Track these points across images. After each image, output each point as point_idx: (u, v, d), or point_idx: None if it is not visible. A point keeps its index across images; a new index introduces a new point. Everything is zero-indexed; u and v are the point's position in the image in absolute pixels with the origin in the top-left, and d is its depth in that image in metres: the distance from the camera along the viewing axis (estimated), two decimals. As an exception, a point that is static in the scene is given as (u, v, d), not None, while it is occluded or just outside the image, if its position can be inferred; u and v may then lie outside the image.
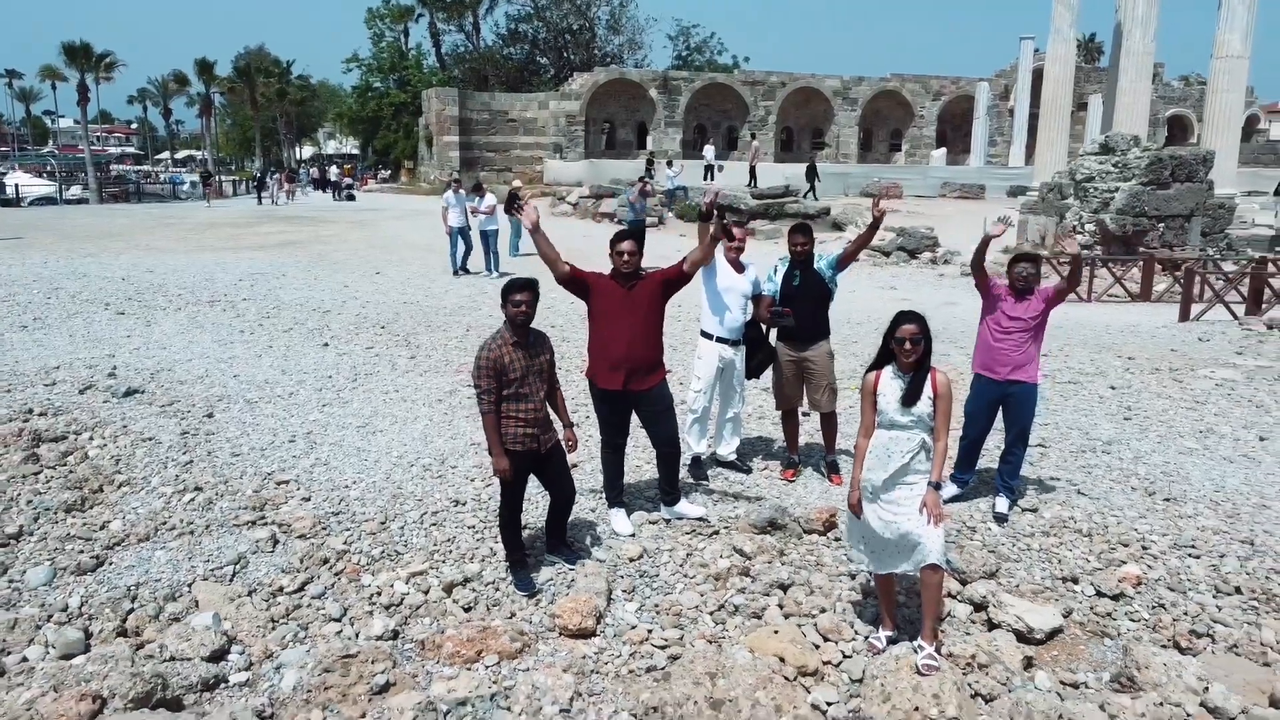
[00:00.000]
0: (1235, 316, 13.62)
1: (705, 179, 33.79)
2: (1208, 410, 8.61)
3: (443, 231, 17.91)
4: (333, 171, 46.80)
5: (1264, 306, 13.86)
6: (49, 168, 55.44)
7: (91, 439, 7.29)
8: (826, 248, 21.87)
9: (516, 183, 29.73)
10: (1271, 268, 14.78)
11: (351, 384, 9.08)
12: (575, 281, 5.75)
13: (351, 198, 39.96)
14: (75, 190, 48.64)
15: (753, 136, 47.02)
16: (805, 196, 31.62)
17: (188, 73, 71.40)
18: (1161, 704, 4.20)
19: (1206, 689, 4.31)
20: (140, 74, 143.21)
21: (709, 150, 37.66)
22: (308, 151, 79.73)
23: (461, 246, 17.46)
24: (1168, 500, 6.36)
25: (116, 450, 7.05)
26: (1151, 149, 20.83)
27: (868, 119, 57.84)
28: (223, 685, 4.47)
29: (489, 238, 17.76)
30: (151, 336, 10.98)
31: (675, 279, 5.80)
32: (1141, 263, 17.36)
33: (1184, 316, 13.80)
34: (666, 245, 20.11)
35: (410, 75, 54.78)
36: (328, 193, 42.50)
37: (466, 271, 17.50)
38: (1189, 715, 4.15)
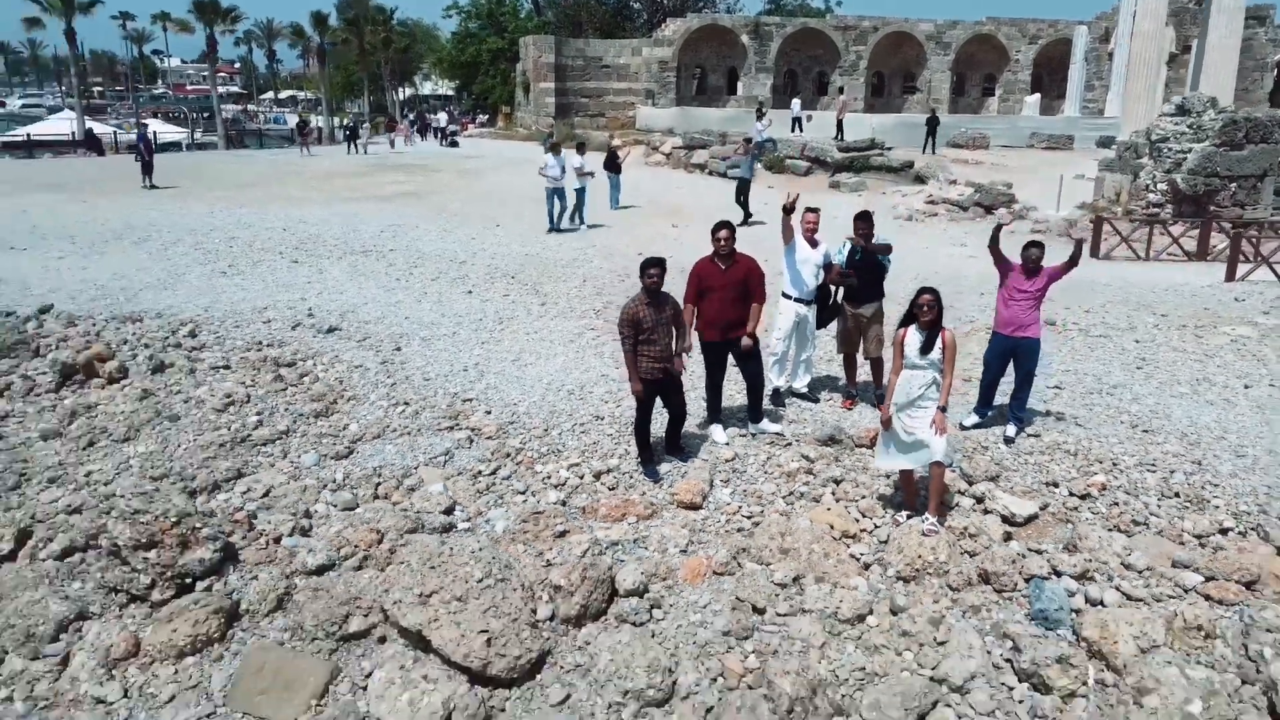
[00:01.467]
0: (1279, 276, 14.96)
1: (793, 131, 35.05)
2: (1212, 363, 10.29)
3: (540, 182, 19.55)
4: (441, 118, 49.12)
5: (1309, 268, 15.13)
6: (180, 113, 58.74)
7: (315, 365, 9.70)
8: (910, 201, 23.13)
9: (617, 141, 31.34)
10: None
11: (499, 326, 11.34)
12: (697, 295, 7.64)
13: (455, 144, 42.27)
14: (198, 135, 51.92)
15: (841, 90, 47.65)
16: (925, 150, 32.72)
17: (304, 24, 74.47)
18: (1090, 560, 6.18)
19: (1129, 553, 6.27)
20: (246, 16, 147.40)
21: (796, 103, 38.75)
22: (406, 94, 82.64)
23: (557, 206, 19.11)
24: (1146, 432, 8.20)
25: (337, 374, 9.45)
26: (1229, 110, 21.68)
27: (960, 64, 57.65)
28: (454, 529, 6.77)
29: (582, 194, 19.52)
30: (326, 283, 13.42)
31: (756, 278, 7.73)
32: (1201, 223, 18.49)
33: (1230, 277, 15.17)
34: (755, 196, 21.87)
35: (507, 21, 56.59)
36: (431, 139, 44.77)
37: (559, 230, 18.90)
38: (1108, 565, 6.13)
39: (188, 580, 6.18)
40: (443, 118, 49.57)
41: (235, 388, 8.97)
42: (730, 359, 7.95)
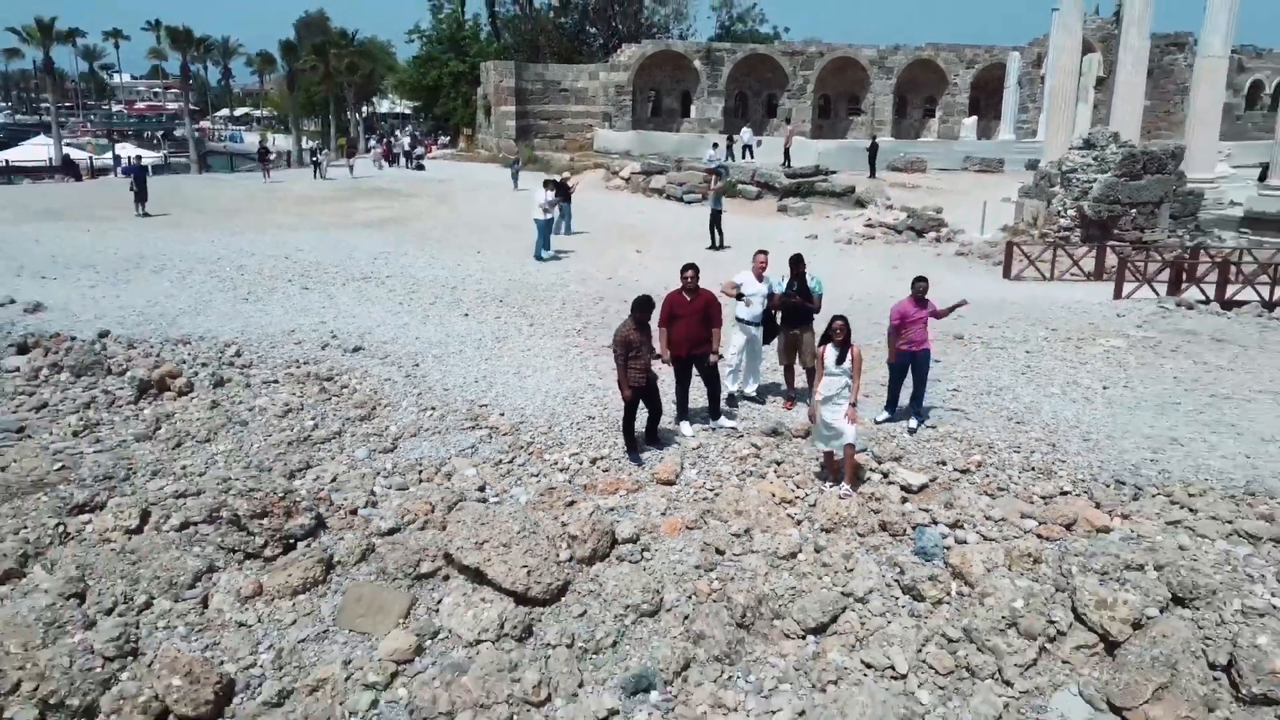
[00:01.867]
0: (1157, 295, 17.57)
1: (742, 157, 37.48)
2: (1084, 369, 12.73)
3: (521, 209, 21.33)
4: (406, 141, 50.88)
5: (1182, 288, 17.77)
6: (150, 136, 59.48)
7: (350, 379, 11.75)
8: (850, 224, 25.57)
9: (567, 174, 32.83)
10: (1200, 254, 18.61)
11: (497, 344, 13.47)
12: (668, 319, 9.84)
13: (421, 167, 44.16)
14: (157, 157, 52.53)
15: (787, 120, 50.25)
16: (871, 177, 35.39)
17: (269, 48, 75.76)
18: (961, 514, 8.48)
19: (990, 509, 8.58)
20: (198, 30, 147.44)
21: (746, 131, 41.16)
22: (366, 112, 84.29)
23: (542, 244, 20.98)
24: (1019, 423, 10.56)
25: (371, 385, 11.51)
26: (1129, 145, 24.47)
27: (903, 87, 60.75)
28: (487, 501, 8.90)
29: (545, 227, 21.36)
30: (339, 308, 15.43)
31: (714, 308, 9.97)
32: (1097, 247, 21.13)
33: (1117, 295, 17.75)
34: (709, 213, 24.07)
35: (468, 46, 58.63)
36: (396, 165, 46.28)
37: (541, 259, 20.90)
38: (974, 517, 8.43)
39: (291, 541, 8.24)
40: (407, 141, 51.32)
41: (290, 398, 11.01)
42: (695, 371, 10.16)
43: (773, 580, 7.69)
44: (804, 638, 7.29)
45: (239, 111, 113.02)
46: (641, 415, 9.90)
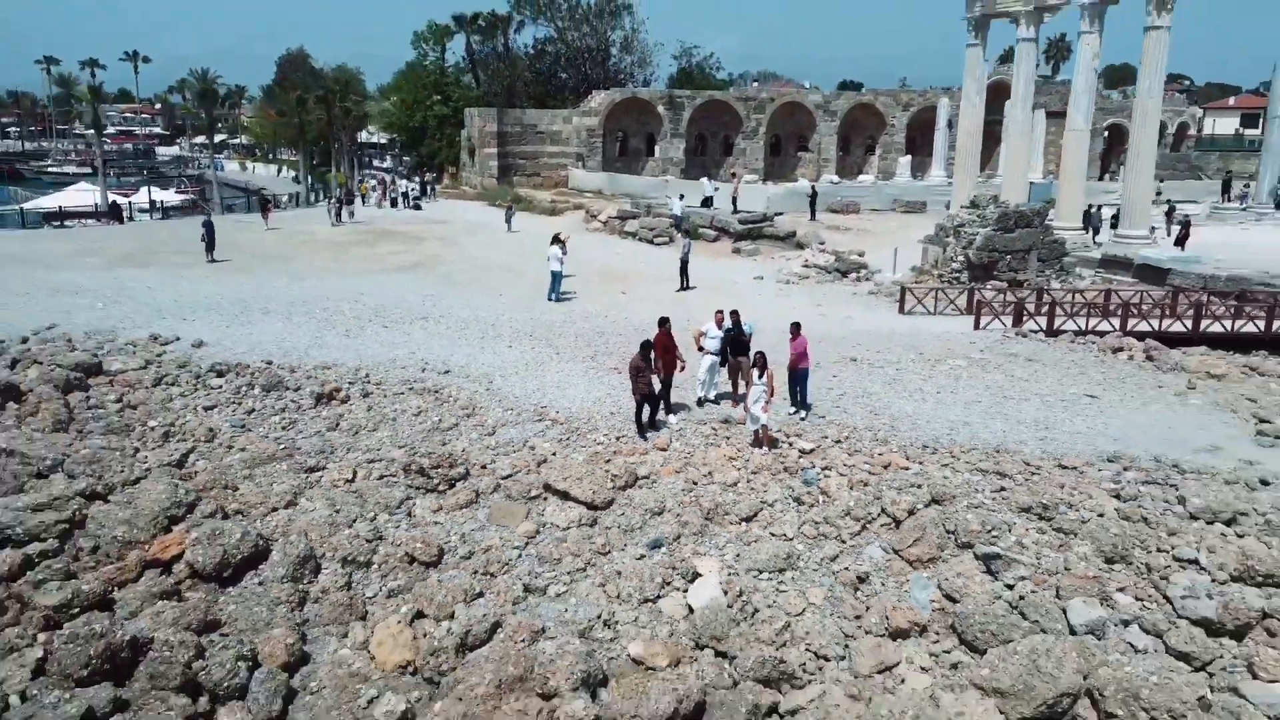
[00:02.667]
0: (1004, 326, 24.59)
1: (704, 206, 44.33)
2: (930, 381, 19.62)
3: (518, 252, 27.85)
4: (401, 183, 57.27)
5: (1023, 321, 24.80)
6: (185, 187, 64.04)
7: (451, 393, 18.28)
8: (790, 265, 33.04)
9: (563, 234, 38.18)
10: (1040, 292, 25.63)
11: (539, 367, 20.08)
12: (663, 350, 16.55)
13: (419, 208, 50.55)
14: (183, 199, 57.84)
15: (734, 175, 57.00)
16: (811, 219, 42.60)
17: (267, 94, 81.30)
18: (830, 462, 15.27)
19: (847, 460, 15.38)
20: (171, 60, 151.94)
21: (706, 182, 47.68)
22: (348, 142, 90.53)
23: (555, 288, 27.63)
24: (875, 414, 17.38)
25: (468, 395, 18.07)
26: (1004, 205, 31.70)
27: (846, 127, 68.26)
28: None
29: (556, 277, 27.97)
30: (416, 342, 21.89)
31: (675, 348, 16.75)
32: (967, 290, 28.14)
33: (976, 326, 24.72)
34: (676, 256, 30.72)
35: (451, 90, 65.16)
36: (395, 207, 52.33)
37: (552, 300, 27.53)
38: (838, 463, 15.22)
39: (454, 481, 14.79)
40: (402, 183, 57.70)
41: (418, 403, 17.55)
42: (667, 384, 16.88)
43: (723, 496, 14.38)
44: (739, 523, 13.96)
45: (217, 139, 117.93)
46: (645, 411, 16.58)
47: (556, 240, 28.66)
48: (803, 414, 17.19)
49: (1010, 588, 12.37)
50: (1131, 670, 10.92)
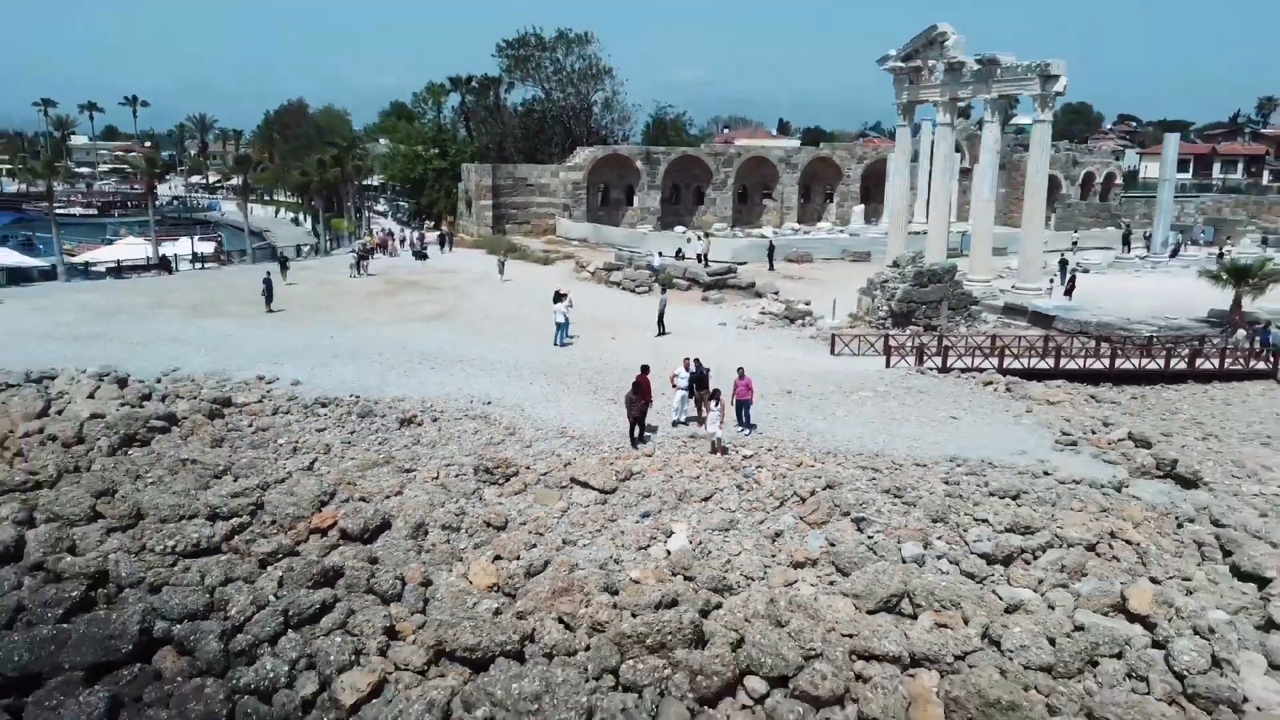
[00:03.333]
0: (908, 365, 32.39)
1: (677, 258, 52.15)
2: (842, 407, 27.34)
3: (521, 301, 35.72)
4: (412, 236, 64.80)
5: (925, 360, 32.60)
6: (216, 237, 70.51)
7: (496, 417, 25.81)
8: (749, 312, 41.76)
9: (563, 290, 45.50)
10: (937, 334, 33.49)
11: (557, 399, 27.65)
12: (645, 391, 24.22)
13: (424, 256, 58.07)
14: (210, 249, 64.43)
15: (702, 236, 64.87)
16: (770, 269, 50.55)
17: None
18: (761, 462, 22.95)
19: (775, 462, 23.05)
20: (169, 105, 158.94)
21: (680, 232, 55.67)
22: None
23: (560, 336, 35.31)
24: (799, 431, 25.07)
25: (508, 420, 25.65)
26: (919, 264, 39.68)
27: (807, 177, 76.72)
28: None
29: (562, 326, 35.69)
30: (459, 381, 29.35)
31: (649, 388, 24.47)
32: (884, 336, 35.94)
33: (887, 365, 32.48)
34: (654, 304, 38.42)
35: (448, 146, 72.97)
36: (404, 252, 59.88)
37: (558, 346, 35.21)
38: (768, 462, 22.90)
39: (509, 476, 22.31)
40: (408, 233, 65.26)
41: (473, 425, 25.06)
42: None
43: (690, 485, 21.96)
44: (700, 502, 21.50)
45: (212, 178, 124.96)
46: (636, 429, 24.16)
47: (560, 297, 36.30)
48: (747, 431, 24.85)
49: (870, 537, 19.97)
50: (934, 580, 18.50)
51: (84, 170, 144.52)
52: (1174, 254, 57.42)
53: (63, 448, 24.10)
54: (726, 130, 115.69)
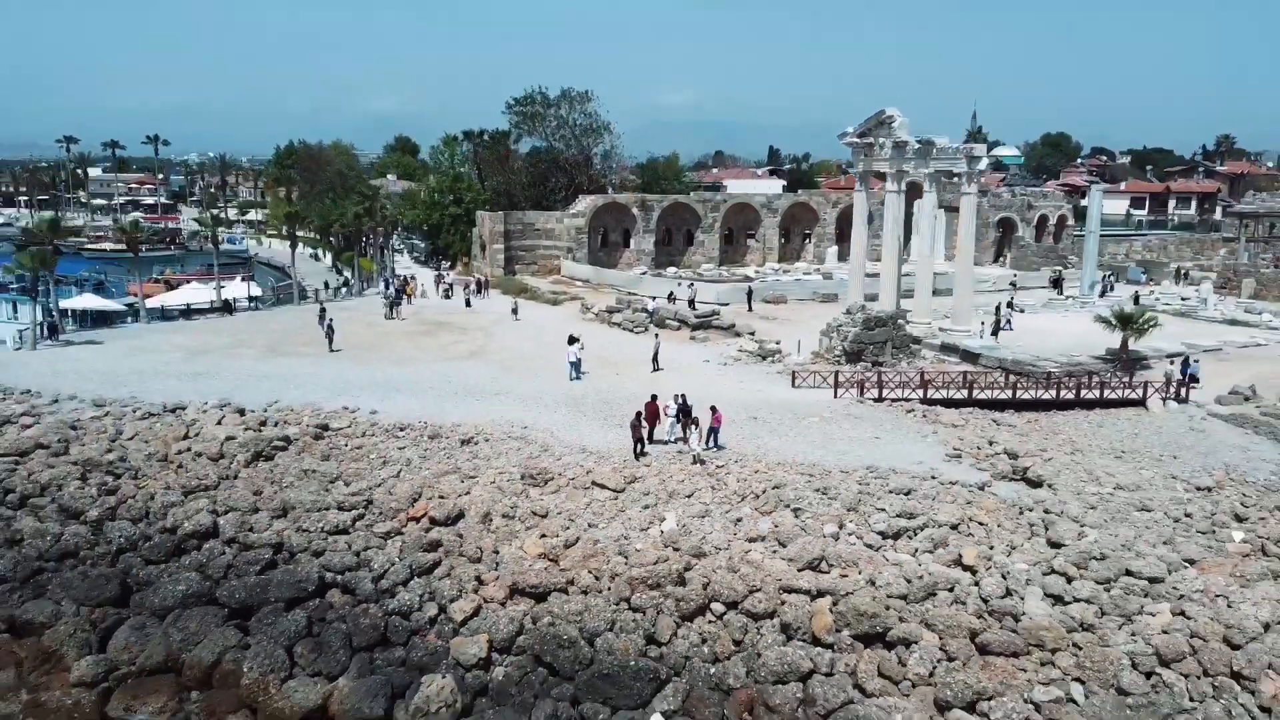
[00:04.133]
0: (852, 395, 41.65)
1: (670, 300, 61.41)
2: (794, 430, 36.62)
3: (540, 341, 45.24)
4: (445, 281, 73.99)
5: (865, 391, 41.84)
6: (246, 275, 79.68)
7: (533, 438, 35.03)
8: (729, 350, 52.39)
9: (576, 334, 54.93)
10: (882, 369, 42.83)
11: (576, 424, 36.92)
12: (651, 415, 33.49)
13: (449, 296, 67.28)
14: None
15: (691, 284, 74.48)
16: (749, 310, 59.92)
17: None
18: (730, 469, 32.22)
19: (740, 468, 32.32)
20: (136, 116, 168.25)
21: (673, 273, 65.13)
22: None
23: (574, 372, 44.56)
24: (760, 447, 34.30)
25: (543, 439, 34.87)
26: (867, 310, 49.07)
27: (786, 221, 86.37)
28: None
29: (575, 364, 44.92)
30: (502, 411, 38.54)
31: (655, 413, 33.81)
32: (835, 372, 45.22)
33: (835, 395, 41.70)
34: (650, 342, 47.72)
35: (464, 193, 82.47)
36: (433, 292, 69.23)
37: (573, 380, 44.45)
38: (733, 470, 32.17)
39: (546, 482, 31.49)
40: (430, 273, 74.58)
41: (516, 445, 34.28)
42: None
43: (677, 486, 31.15)
44: (685, 498, 30.64)
45: (231, 212, 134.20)
46: (639, 447, 33.36)
47: (573, 340, 45.61)
48: (717, 449, 34.06)
49: (803, 521, 29.09)
50: (844, 548, 27.61)
51: (99, 201, 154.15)
52: (1103, 294, 66.84)
53: (210, 461, 33.29)
54: (715, 171, 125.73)
